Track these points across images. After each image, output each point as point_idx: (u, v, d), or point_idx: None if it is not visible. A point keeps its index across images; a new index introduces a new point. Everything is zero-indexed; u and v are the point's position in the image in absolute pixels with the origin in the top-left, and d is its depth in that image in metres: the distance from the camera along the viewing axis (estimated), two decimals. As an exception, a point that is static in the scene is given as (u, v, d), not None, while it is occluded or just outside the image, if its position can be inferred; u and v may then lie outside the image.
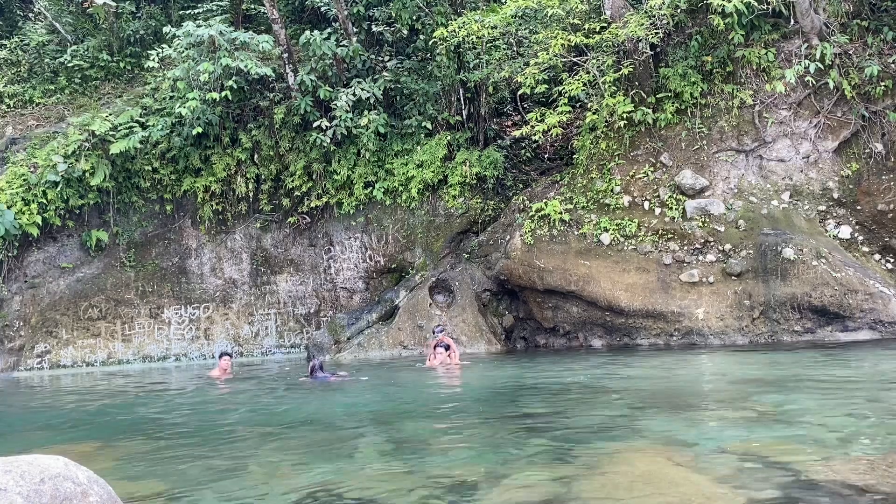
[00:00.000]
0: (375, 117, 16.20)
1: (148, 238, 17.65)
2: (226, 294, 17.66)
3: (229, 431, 7.96)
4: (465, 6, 17.42)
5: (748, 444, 5.69)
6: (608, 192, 14.86)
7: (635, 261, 14.03)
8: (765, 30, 14.10)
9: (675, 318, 13.63)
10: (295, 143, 17.18)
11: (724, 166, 14.40)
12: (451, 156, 16.72)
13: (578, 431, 6.74)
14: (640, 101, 14.56)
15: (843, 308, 12.61)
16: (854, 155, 14.01)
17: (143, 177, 17.19)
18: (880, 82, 13.36)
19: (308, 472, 5.71)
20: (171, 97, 17.19)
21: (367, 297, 17.21)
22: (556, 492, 4.75)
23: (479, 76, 16.71)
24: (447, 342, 13.29)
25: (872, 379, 8.88)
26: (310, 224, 17.71)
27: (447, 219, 16.69)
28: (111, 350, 16.96)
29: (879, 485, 4.43)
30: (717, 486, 4.66)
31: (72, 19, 19.57)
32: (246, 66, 15.58)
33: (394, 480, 5.32)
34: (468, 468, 5.57)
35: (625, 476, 5.06)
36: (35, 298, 16.82)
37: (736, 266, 13.37)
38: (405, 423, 7.86)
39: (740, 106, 14.25)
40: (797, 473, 4.81)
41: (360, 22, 17.61)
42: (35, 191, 16.02)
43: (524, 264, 14.85)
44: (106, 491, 3.41)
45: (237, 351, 17.36)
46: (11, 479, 3.06)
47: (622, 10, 14.60)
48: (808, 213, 13.97)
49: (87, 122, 16.69)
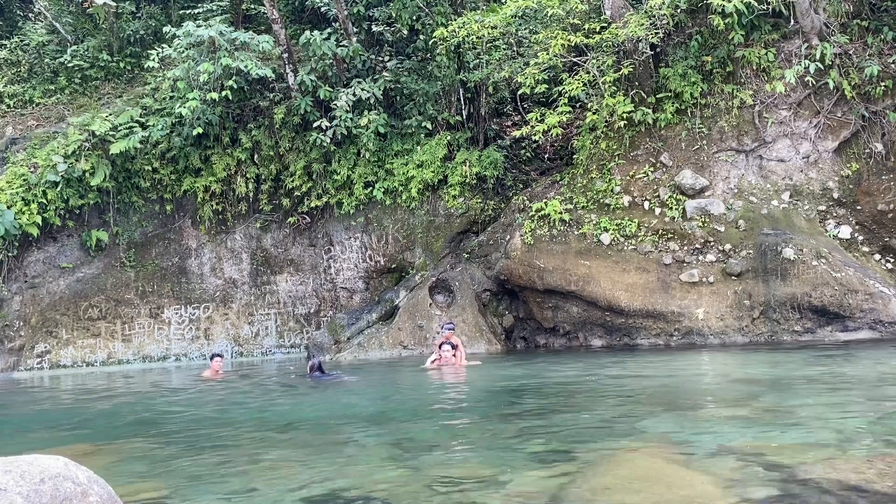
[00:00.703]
0: (375, 117, 16.21)
1: (148, 238, 17.66)
2: (226, 294, 17.66)
3: (229, 431, 7.96)
4: (465, 6, 17.43)
5: (748, 444, 5.69)
6: (608, 192, 14.86)
7: (635, 261, 14.03)
8: (765, 30, 14.10)
9: (675, 318, 13.63)
10: (295, 143, 17.19)
11: (724, 166, 14.41)
12: (451, 156, 16.72)
13: (578, 431, 6.74)
14: (640, 101, 14.56)
15: (843, 308, 12.61)
16: (854, 155, 14.02)
17: (143, 177, 17.19)
18: (880, 82, 13.36)
19: (308, 472, 5.71)
20: (171, 97, 17.19)
21: (367, 297, 17.21)
22: (556, 492, 4.75)
23: (479, 76, 16.72)
24: (454, 341, 12.87)
25: (872, 379, 8.88)
26: (310, 224, 17.71)
27: (447, 219, 16.69)
28: (111, 350, 16.97)
29: (879, 485, 4.43)
30: (716, 485, 4.65)
31: (72, 19, 19.58)
32: (246, 66, 15.59)
33: (394, 480, 5.32)
34: (468, 468, 5.57)
35: (624, 476, 5.06)
36: (35, 298, 16.82)
37: (736, 266, 13.37)
38: (405, 423, 7.85)
39: (740, 106, 14.25)
40: (797, 473, 4.81)
41: (360, 22, 17.61)
42: (35, 191, 16.02)
43: (524, 264, 14.85)
44: (106, 491, 3.41)
45: (237, 351, 17.37)
46: (11, 479, 3.06)
47: (622, 10, 14.60)
48: (808, 213, 13.97)
49: (87, 122, 16.69)
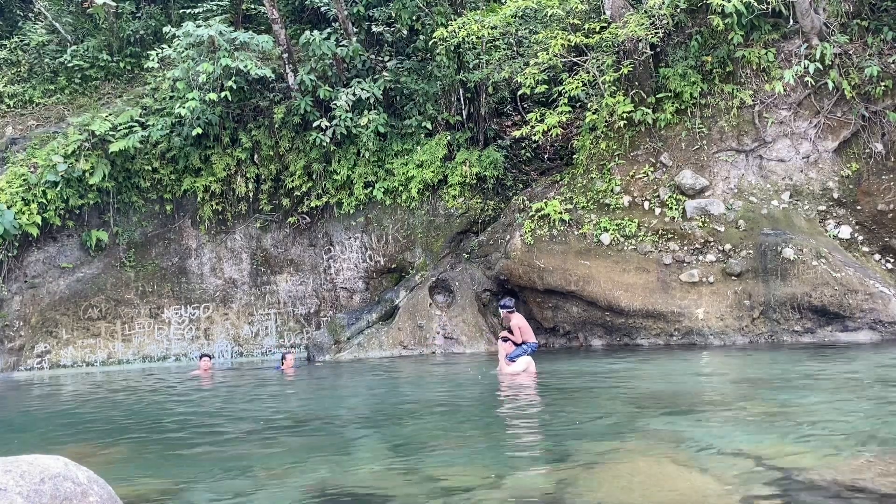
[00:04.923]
0: (375, 117, 16.20)
1: (148, 238, 17.65)
2: (226, 294, 17.66)
3: (229, 431, 7.96)
4: (465, 6, 17.43)
5: (748, 444, 5.69)
6: (608, 192, 14.86)
7: (635, 261, 14.03)
8: (765, 30, 14.10)
9: (675, 318, 13.63)
10: (295, 143, 17.18)
11: (724, 166, 14.40)
12: (451, 156, 16.72)
13: (578, 431, 6.74)
14: (640, 101, 14.56)
15: (843, 308, 12.61)
16: (854, 155, 14.01)
17: (143, 177, 17.19)
18: (880, 82, 13.36)
19: (308, 472, 5.71)
20: (170, 97, 17.18)
21: (367, 297, 17.20)
22: (555, 492, 4.75)
23: (479, 76, 16.71)
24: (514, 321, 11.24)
25: (872, 379, 8.88)
26: (310, 224, 17.70)
27: (447, 219, 16.68)
28: (111, 350, 16.96)
29: (879, 485, 4.43)
30: (716, 485, 4.66)
31: (72, 19, 19.57)
32: (246, 66, 15.58)
33: (394, 480, 5.32)
34: (468, 468, 5.57)
35: (625, 476, 5.06)
36: (35, 298, 16.81)
37: (736, 266, 13.37)
38: (405, 423, 7.86)
39: (740, 106, 14.25)
40: (797, 473, 4.81)
41: (360, 22, 17.61)
42: (35, 191, 16.01)
43: (524, 264, 14.85)
44: (106, 491, 3.41)
45: (237, 351, 17.37)
46: (11, 479, 3.06)
47: (622, 10, 14.61)
48: (808, 213, 13.97)
49: (87, 122, 16.68)
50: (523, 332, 11.26)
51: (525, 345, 11.13)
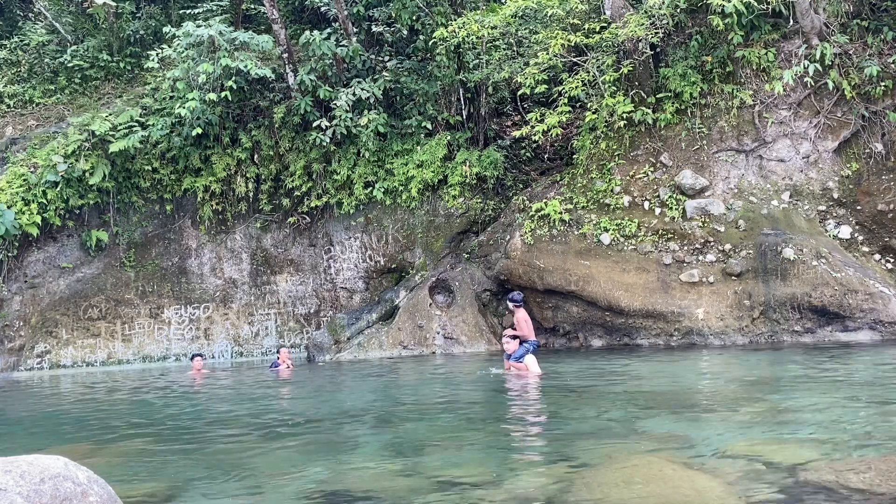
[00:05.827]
0: (375, 117, 16.21)
1: (148, 238, 17.65)
2: (226, 294, 17.66)
3: (229, 431, 7.96)
4: (465, 6, 17.44)
5: (748, 444, 5.69)
6: (608, 192, 14.86)
7: (635, 261, 14.03)
8: (765, 30, 14.11)
9: (675, 318, 13.63)
10: (295, 143, 17.18)
11: (724, 166, 14.41)
12: (451, 156, 16.72)
13: (578, 431, 6.73)
14: (640, 101, 14.56)
15: (843, 308, 12.61)
16: (854, 155, 14.02)
17: (143, 177, 17.19)
18: (880, 82, 13.36)
19: (308, 472, 5.71)
20: (170, 97, 17.18)
21: (367, 297, 17.21)
22: (555, 492, 4.75)
23: (479, 76, 16.72)
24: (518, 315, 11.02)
25: (872, 379, 8.88)
26: (310, 224, 17.71)
27: (447, 219, 16.69)
28: (111, 350, 16.96)
29: (879, 485, 4.43)
30: (716, 485, 4.65)
31: (72, 19, 19.57)
32: (246, 66, 15.59)
33: (394, 480, 5.32)
34: (468, 468, 5.57)
35: (624, 476, 5.05)
36: (35, 298, 16.82)
37: (736, 266, 13.37)
38: (405, 423, 7.86)
39: (740, 106, 14.25)
40: (797, 474, 4.80)
41: (360, 22, 17.61)
42: (35, 191, 16.02)
43: (524, 264, 14.85)
44: (106, 491, 3.40)
45: (237, 351, 17.37)
46: (11, 479, 3.06)
47: (622, 10, 14.60)
48: (808, 213, 13.97)
49: (86, 122, 16.69)
50: (527, 327, 11.22)
51: (527, 343, 11.10)
